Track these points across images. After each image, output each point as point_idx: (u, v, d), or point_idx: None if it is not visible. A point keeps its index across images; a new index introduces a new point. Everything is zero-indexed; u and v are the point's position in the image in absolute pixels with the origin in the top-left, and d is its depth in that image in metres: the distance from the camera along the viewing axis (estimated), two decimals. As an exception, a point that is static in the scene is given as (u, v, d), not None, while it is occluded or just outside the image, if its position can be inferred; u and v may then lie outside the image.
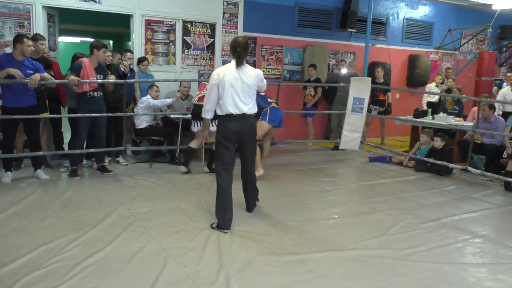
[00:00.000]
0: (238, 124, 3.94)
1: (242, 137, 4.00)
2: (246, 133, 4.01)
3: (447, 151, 6.56)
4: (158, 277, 2.98)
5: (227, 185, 3.95)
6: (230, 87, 3.88)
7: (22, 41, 4.85)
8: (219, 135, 3.97)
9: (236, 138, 3.98)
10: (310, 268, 3.23)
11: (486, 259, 3.55)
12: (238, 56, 3.92)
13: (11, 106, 4.99)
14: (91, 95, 5.41)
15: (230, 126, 3.93)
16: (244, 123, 3.97)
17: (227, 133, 3.94)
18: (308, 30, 8.69)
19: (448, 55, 10.81)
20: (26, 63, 4.97)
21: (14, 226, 3.82)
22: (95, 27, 11.13)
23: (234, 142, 4.01)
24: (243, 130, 3.98)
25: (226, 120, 3.94)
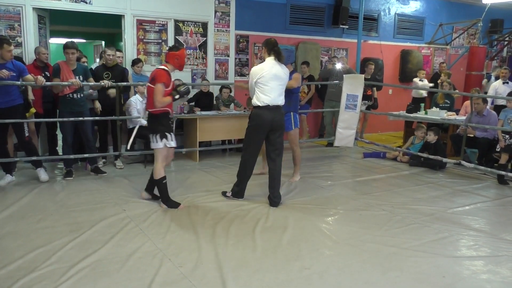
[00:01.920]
0: (273, 114, 4.45)
1: (274, 125, 4.48)
2: (278, 123, 4.52)
3: (440, 145, 6.60)
4: (154, 278, 2.98)
5: (253, 163, 4.64)
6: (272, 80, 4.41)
7: (2, 46, 4.81)
8: (253, 123, 4.50)
9: (269, 127, 4.48)
10: (306, 265, 3.24)
11: (481, 252, 3.58)
12: (279, 53, 4.49)
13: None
14: (71, 97, 5.35)
15: (266, 116, 4.43)
16: (278, 114, 4.51)
17: (262, 121, 4.43)
18: (300, 28, 8.69)
19: (440, 49, 10.86)
20: (8, 66, 4.93)
21: (9, 229, 3.81)
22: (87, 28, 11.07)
23: (267, 131, 4.49)
24: (277, 119, 4.49)
25: (263, 111, 4.43)
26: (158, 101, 4.17)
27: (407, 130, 8.15)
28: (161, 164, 4.36)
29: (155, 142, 4.29)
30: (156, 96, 4.16)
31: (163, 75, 4.20)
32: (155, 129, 4.29)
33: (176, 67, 4.35)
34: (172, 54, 4.32)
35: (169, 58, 4.34)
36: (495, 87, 7.90)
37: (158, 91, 4.16)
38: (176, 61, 4.32)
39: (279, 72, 4.47)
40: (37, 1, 6.24)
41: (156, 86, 4.16)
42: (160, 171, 4.35)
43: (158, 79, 4.17)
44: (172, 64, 4.32)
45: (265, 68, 4.43)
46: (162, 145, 4.28)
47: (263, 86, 4.40)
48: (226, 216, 4.24)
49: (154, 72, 4.28)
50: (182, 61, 4.40)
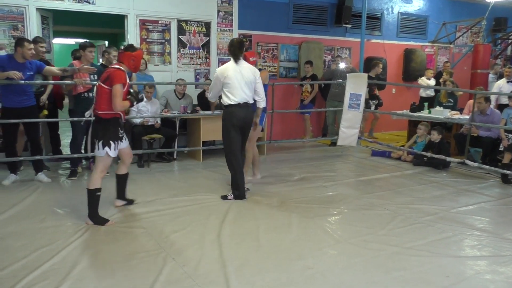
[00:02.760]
0: (245, 112, 4.62)
1: (246, 123, 4.69)
2: (249, 120, 4.72)
3: (444, 144, 6.57)
4: (158, 277, 2.98)
5: (241, 165, 4.75)
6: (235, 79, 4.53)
7: (22, 45, 4.88)
8: (227, 121, 4.62)
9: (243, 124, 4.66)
10: (309, 264, 3.24)
11: (484, 252, 3.57)
12: (234, 54, 4.58)
13: (11, 106, 5.03)
14: (85, 96, 5.43)
15: (239, 113, 4.58)
16: (249, 111, 4.68)
17: (236, 119, 4.59)
18: (303, 27, 8.68)
19: (443, 48, 10.82)
20: (27, 65, 5.00)
21: (12, 228, 3.82)
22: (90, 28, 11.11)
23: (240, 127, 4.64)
24: (248, 117, 4.67)
25: (235, 108, 4.59)
26: (119, 105, 3.80)
27: (411, 129, 8.12)
28: (99, 174, 3.91)
29: (98, 149, 3.87)
30: (115, 98, 3.77)
31: (122, 75, 3.83)
32: (99, 134, 3.87)
33: (130, 68, 4.01)
34: (128, 55, 3.95)
35: (124, 58, 3.95)
36: (499, 86, 7.86)
37: (117, 93, 3.78)
38: (132, 62, 3.98)
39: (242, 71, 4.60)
40: (40, 2, 6.26)
41: (115, 88, 3.77)
42: (96, 181, 3.90)
43: (117, 80, 3.78)
44: (127, 65, 3.95)
45: (229, 68, 4.59)
46: (103, 153, 3.86)
47: (229, 85, 4.56)
48: (229, 215, 4.24)
49: (109, 71, 3.88)
50: (138, 63, 4.09)
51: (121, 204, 4.40)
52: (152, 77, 6.91)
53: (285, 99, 8.46)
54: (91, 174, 3.96)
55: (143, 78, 6.69)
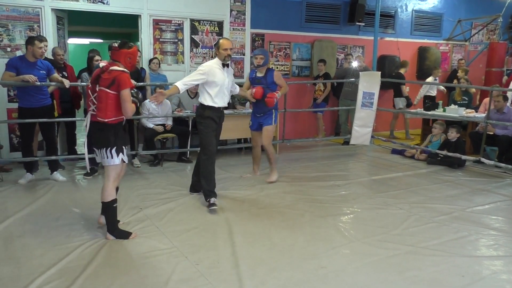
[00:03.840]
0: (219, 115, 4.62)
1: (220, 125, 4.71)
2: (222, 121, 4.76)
3: (461, 143, 6.49)
4: (171, 275, 3.00)
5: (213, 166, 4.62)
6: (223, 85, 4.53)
7: (33, 43, 4.94)
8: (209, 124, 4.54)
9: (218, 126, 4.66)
10: (323, 263, 3.23)
11: (501, 252, 3.52)
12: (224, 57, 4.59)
13: (27, 106, 5.11)
14: None
15: (214, 116, 4.55)
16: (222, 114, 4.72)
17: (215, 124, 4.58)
18: (316, 25, 8.64)
19: (458, 46, 10.68)
20: (38, 64, 5.07)
21: (29, 226, 3.88)
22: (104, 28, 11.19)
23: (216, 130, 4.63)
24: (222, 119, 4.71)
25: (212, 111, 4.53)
26: (131, 110, 3.55)
27: (425, 128, 8.05)
28: (113, 184, 3.64)
29: (109, 158, 3.56)
30: (127, 103, 3.50)
31: (128, 79, 3.54)
32: (110, 141, 3.55)
33: (127, 67, 3.63)
34: (125, 53, 3.62)
35: (120, 56, 3.61)
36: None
37: (128, 98, 3.51)
38: (129, 60, 3.65)
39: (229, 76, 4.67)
40: (55, 2, 6.33)
41: (126, 93, 3.48)
42: (111, 192, 3.61)
43: (125, 84, 3.49)
44: (124, 64, 3.60)
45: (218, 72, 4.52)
46: (118, 161, 3.59)
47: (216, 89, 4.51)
48: (241, 214, 4.25)
49: (114, 74, 3.49)
50: (135, 61, 3.79)
51: (104, 222, 3.80)
52: (165, 76, 6.95)
53: (297, 98, 8.44)
54: (104, 186, 3.63)
55: (157, 77, 6.73)
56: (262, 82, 5.28)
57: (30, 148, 5.35)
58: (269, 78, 5.26)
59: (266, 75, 5.28)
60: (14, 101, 6.16)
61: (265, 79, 5.27)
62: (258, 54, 5.26)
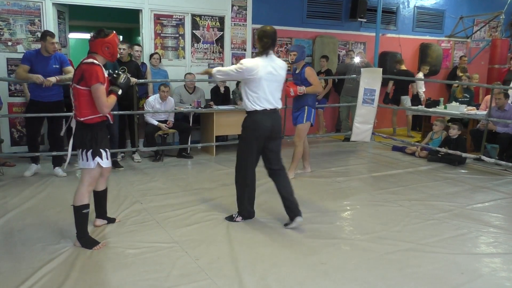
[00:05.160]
0: (272, 119, 3.74)
1: (274, 133, 3.78)
2: (278, 129, 3.82)
3: (462, 140, 6.48)
4: (171, 270, 3.01)
5: (252, 183, 3.99)
6: (265, 80, 3.66)
7: (45, 39, 4.97)
8: (249, 132, 3.73)
9: (268, 135, 3.75)
10: (323, 259, 3.23)
11: (500, 249, 3.52)
12: (267, 47, 3.74)
13: (37, 100, 5.15)
14: None
15: (265, 122, 3.69)
16: (277, 119, 3.80)
17: (262, 129, 3.69)
18: (317, 21, 8.62)
19: (460, 43, 10.66)
20: (52, 59, 5.09)
21: (30, 220, 3.89)
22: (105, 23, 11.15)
23: (264, 139, 3.77)
24: (276, 125, 3.79)
25: (261, 116, 3.68)
26: (105, 106, 3.24)
27: (425, 125, 8.04)
28: (86, 188, 3.34)
29: (84, 160, 3.29)
30: (100, 99, 3.20)
31: (98, 72, 3.20)
32: (84, 143, 3.29)
33: (107, 58, 3.36)
34: (100, 41, 3.30)
35: (97, 47, 3.31)
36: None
37: (100, 93, 3.19)
38: (107, 50, 3.32)
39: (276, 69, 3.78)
40: (56, -4, 6.33)
41: (95, 88, 3.18)
42: (83, 196, 3.31)
43: (93, 79, 3.17)
44: (102, 55, 3.33)
45: (261, 65, 3.70)
46: (94, 164, 3.30)
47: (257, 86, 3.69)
48: (242, 210, 4.25)
49: (82, 68, 3.23)
50: (114, 49, 3.38)
51: (101, 224, 3.76)
52: (166, 71, 6.94)
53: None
54: (77, 189, 3.35)
55: (157, 73, 6.72)
56: (297, 78, 5.29)
57: (36, 142, 5.39)
58: (302, 74, 5.23)
59: (301, 71, 5.25)
60: (15, 96, 6.17)
61: (299, 75, 5.26)
62: (292, 51, 5.29)
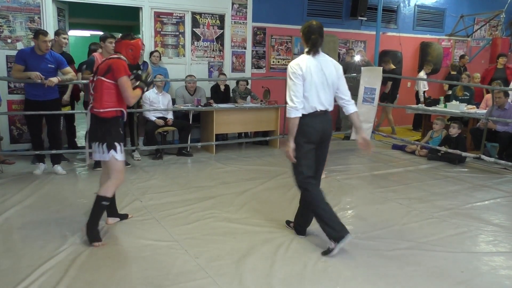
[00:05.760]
0: (323, 122, 3.38)
1: (325, 137, 3.45)
2: (329, 133, 3.49)
3: (462, 139, 6.47)
4: (171, 269, 3.01)
5: (321, 194, 3.38)
6: (313, 78, 3.29)
7: (37, 37, 4.94)
8: (300, 138, 3.30)
9: (320, 138, 3.40)
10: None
11: (500, 248, 3.52)
12: (314, 44, 3.36)
13: (33, 99, 5.13)
14: None
15: (316, 125, 3.33)
16: (328, 121, 3.43)
17: (313, 134, 3.33)
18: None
19: (461, 42, 10.65)
20: (47, 57, 5.06)
21: (29, 218, 3.88)
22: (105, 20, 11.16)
23: (316, 144, 3.40)
24: (327, 128, 3.43)
25: (311, 119, 3.31)
26: (132, 97, 3.41)
27: (426, 124, 8.04)
28: (115, 182, 3.46)
29: (100, 153, 3.43)
30: (127, 91, 3.37)
31: (124, 65, 3.40)
32: (99, 136, 3.41)
33: (129, 59, 3.53)
34: (126, 43, 3.52)
35: (121, 47, 3.52)
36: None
37: (127, 85, 3.37)
38: (130, 52, 3.53)
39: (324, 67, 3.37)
40: (56, -6, 6.32)
41: (123, 80, 3.35)
42: (109, 189, 3.45)
43: (121, 72, 3.35)
44: (125, 56, 3.51)
45: (309, 64, 3.32)
46: (107, 157, 3.42)
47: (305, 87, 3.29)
48: (242, 209, 4.25)
49: (109, 62, 3.41)
50: (137, 53, 3.61)
51: (113, 222, 3.81)
52: (166, 69, 6.93)
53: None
54: (108, 181, 3.48)
55: (157, 70, 6.71)
56: None
57: (39, 140, 5.39)
58: None
59: None
60: (14, 93, 6.16)
61: None
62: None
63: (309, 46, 3.36)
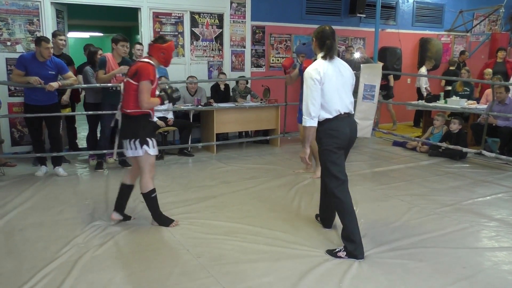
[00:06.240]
0: (349, 125, 3.31)
1: (351, 141, 3.38)
2: (355, 136, 3.41)
3: (463, 135, 6.47)
4: (173, 269, 3.01)
5: (350, 201, 3.32)
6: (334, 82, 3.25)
7: (40, 44, 4.93)
8: (329, 142, 3.24)
9: (348, 142, 3.33)
10: (325, 256, 3.23)
11: (502, 243, 3.52)
12: (329, 49, 3.32)
13: (32, 104, 5.14)
14: (113, 89, 5.47)
15: (343, 128, 3.25)
16: (353, 124, 3.38)
17: (341, 137, 3.25)
18: (316, 17, 8.60)
19: (460, 37, 10.63)
20: (47, 63, 5.07)
21: (32, 220, 3.89)
22: (104, 22, 11.17)
23: (345, 148, 3.34)
24: (353, 131, 3.37)
25: (337, 123, 3.25)
26: (146, 102, 3.52)
27: (426, 120, 8.04)
28: (149, 174, 3.67)
29: (132, 149, 3.58)
30: (142, 95, 3.49)
31: (150, 70, 3.54)
32: (131, 133, 3.59)
33: (161, 62, 3.69)
34: (158, 47, 3.64)
35: (154, 51, 3.65)
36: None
37: (144, 89, 3.50)
38: (162, 55, 3.65)
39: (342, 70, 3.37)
40: (55, -5, 6.32)
41: (142, 84, 3.49)
42: (147, 183, 3.67)
43: (145, 76, 3.50)
44: (157, 59, 3.65)
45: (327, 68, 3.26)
46: (141, 152, 3.58)
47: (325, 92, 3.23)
48: (244, 208, 4.26)
49: (137, 65, 3.59)
50: (169, 56, 3.73)
51: (117, 218, 3.83)
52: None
53: (298, 91, 8.39)
54: (141, 178, 3.68)
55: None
56: None
57: (41, 143, 5.40)
58: None
59: None
60: (15, 96, 6.17)
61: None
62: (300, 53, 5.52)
63: (325, 51, 3.32)
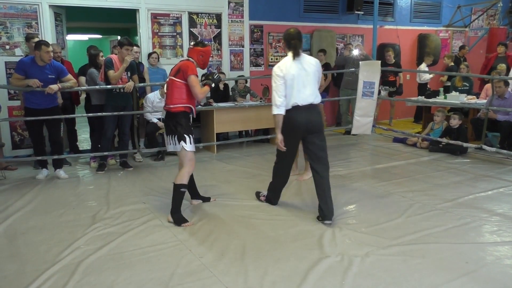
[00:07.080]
0: (307, 115, 3.78)
1: (310, 129, 3.82)
2: (316, 123, 3.84)
3: (463, 130, 6.47)
4: (176, 269, 3.01)
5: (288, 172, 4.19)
6: (294, 78, 3.74)
7: (40, 48, 4.93)
8: (285, 129, 3.82)
9: (304, 131, 3.83)
10: (326, 252, 3.23)
11: (504, 237, 3.52)
12: (294, 48, 3.79)
13: (33, 107, 5.15)
14: (116, 91, 5.48)
15: (298, 118, 3.77)
16: (313, 113, 3.82)
17: (296, 125, 3.79)
18: (314, 15, 8.60)
19: (458, 32, 10.62)
20: (47, 68, 5.07)
21: (33, 223, 3.89)
22: (103, 24, 11.18)
23: (301, 136, 3.89)
24: (313, 120, 3.81)
25: (293, 113, 3.78)
26: (200, 93, 3.80)
27: (426, 116, 8.03)
28: (187, 169, 3.87)
29: (172, 144, 3.88)
30: (195, 88, 3.77)
31: (192, 66, 3.83)
32: (171, 129, 3.86)
33: (199, 64, 3.93)
34: (197, 50, 3.90)
35: (193, 53, 3.91)
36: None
37: (194, 82, 3.77)
38: (201, 58, 3.91)
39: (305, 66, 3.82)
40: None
41: (191, 78, 3.75)
42: (183, 177, 3.86)
43: (190, 71, 3.77)
44: (196, 61, 3.90)
45: (291, 66, 3.78)
46: (179, 147, 3.85)
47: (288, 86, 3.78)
48: (245, 207, 4.26)
49: (179, 64, 3.87)
50: (207, 59, 3.99)
51: (197, 203, 4.35)
52: (165, 70, 6.92)
53: (298, 89, 8.41)
54: (180, 170, 3.90)
55: (156, 71, 6.71)
56: None
57: (42, 146, 5.41)
58: None
59: None
60: (15, 99, 6.17)
61: None
62: None
63: (291, 50, 3.81)
